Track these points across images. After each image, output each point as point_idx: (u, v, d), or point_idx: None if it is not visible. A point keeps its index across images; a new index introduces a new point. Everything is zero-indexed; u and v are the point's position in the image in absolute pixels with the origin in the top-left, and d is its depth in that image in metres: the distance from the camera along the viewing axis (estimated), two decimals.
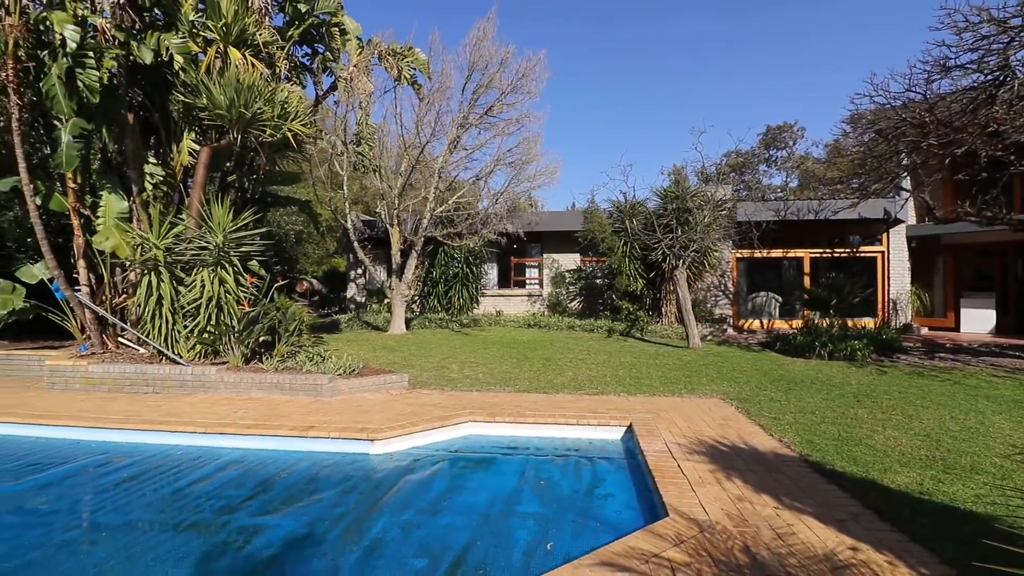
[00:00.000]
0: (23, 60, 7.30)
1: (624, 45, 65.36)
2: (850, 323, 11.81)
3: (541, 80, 12.40)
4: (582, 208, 16.56)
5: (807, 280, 14.60)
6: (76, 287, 8.19)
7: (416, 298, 15.78)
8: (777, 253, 14.87)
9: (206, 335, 7.49)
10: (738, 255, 14.92)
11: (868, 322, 12.76)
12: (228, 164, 9.48)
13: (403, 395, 6.87)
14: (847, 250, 14.72)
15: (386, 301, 14.42)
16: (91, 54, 7.03)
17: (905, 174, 10.24)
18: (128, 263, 8.07)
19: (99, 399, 6.71)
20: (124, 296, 8.34)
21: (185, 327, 7.50)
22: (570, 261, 16.80)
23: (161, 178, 8.28)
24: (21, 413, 5.92)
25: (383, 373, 7.37)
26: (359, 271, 17.76)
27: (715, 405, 6.36)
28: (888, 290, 14.20)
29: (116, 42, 7.30)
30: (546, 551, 3.29)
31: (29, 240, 10.07)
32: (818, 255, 14.83)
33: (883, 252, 14.34)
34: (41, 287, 8.74)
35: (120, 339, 8.39)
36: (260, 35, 7.98)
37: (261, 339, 7.88)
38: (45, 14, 7.03)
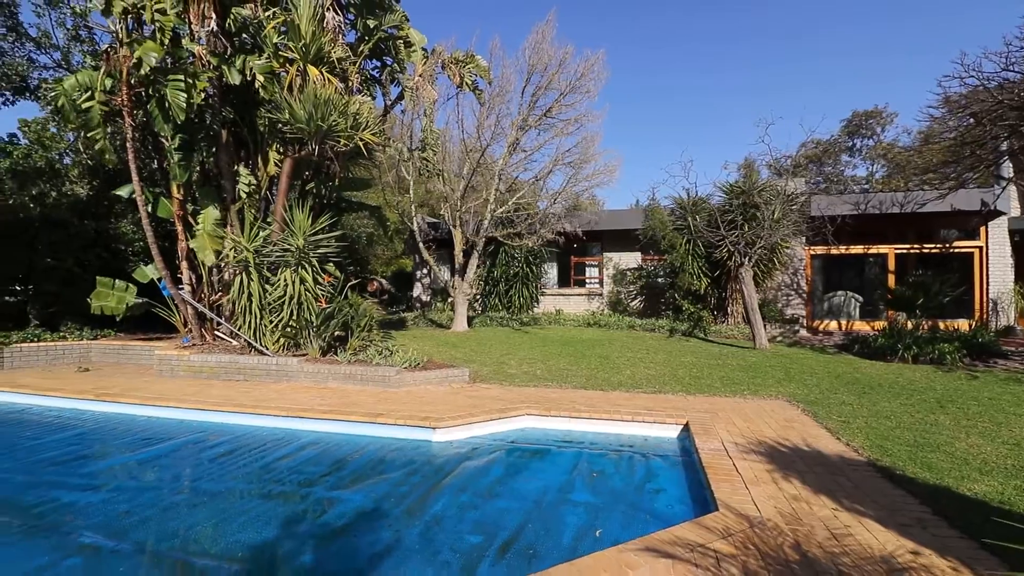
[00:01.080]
0: (134, 86, 8.33)
1: (688, 38, 63.13)
2: (941, 325, 10.87)
3: (600, 79, 12.41)
4: (643, 206, 16.32)
5: (891, 278, 13.57)
6: (180, 286, 9.23)
7: (478, 297, 16.23)
8: (857, 249, 13.92)
9: (288, 329, 8.21)
10: (813, 252, 14.12)
11: (962, 324, 11.67)
12: (307, 173, 10.27)
13: (464, 388, 7.20)
14: (938, 245, 13.51)
15: (449, 300, 14.96)
16: (181, 77, 7.86)
17: (1004, 160, 9.30)
18: (223, 264, 8.99)
19: (199, 385, 7.56)
20: (219, 294, 9.30)
21: (271, 322, 8.27)
22: (631, 260, 16.61)
23: (252, 187, 9.14)
24: (137, 396, 6.80)
25: (446, 367, 7.74)
26: (424, 271, 18.50)
27: (779, 407, 6.17)
28: (986, 289, 12.89)
29: (210, 66, 8.17)
30: (595, 537, 3.42)
31: (141, 244, 11.47)
32: (904, 251, 13.72)
33: (980, 247, 13.03)
34: (151, 286, 9.92)
35: (216, 332, 9.35)
36: (334, 52, 8.59)
37: (336, 334, 8.51)
38: (132, 41, 7.90)
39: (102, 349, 10.07)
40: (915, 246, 13.64)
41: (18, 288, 11.21)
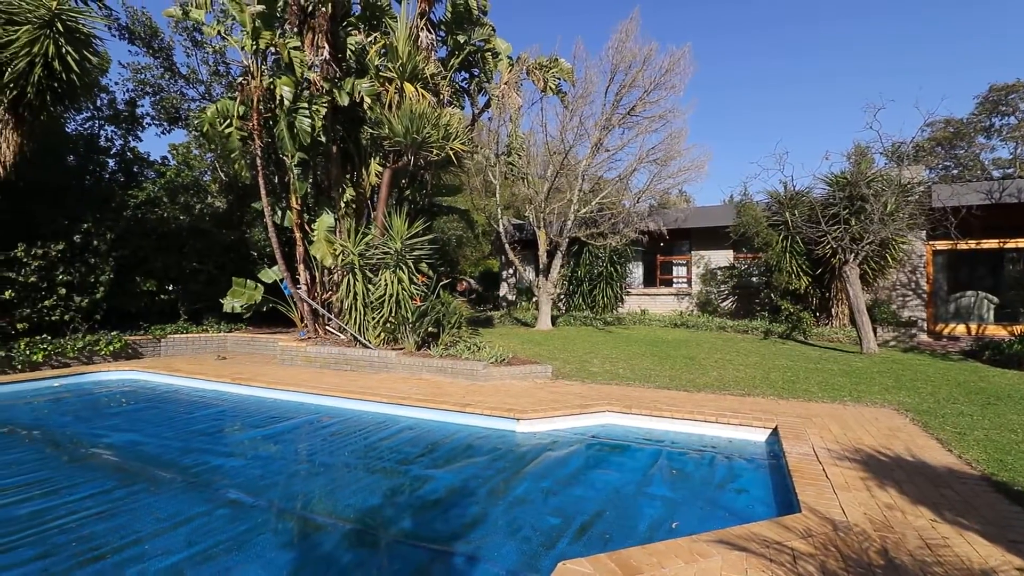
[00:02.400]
0: (263, 112, 9.55)
1: (784, 21, 58.45)
2: None
3: (686, 74, 12.11)
4: (735, 202, 15.58)
5: None
6: (298, 286, 10.43)
7: (562, 296, 16.44)
8: (991, 243, 12.29)
9: (388, 325, 9.00)
10: (935, 248, 12.68)
11: None
12: (403, 181, 11.14)
13: (546, 384, 7.47)
14: None
15: (534, 299, 15.31)
16: (305, 106, 8.93)
17: None
18: (333, 266, 10.04)
19: (314, 373, 8.53)
20: (330, 293, 10.38)
21: (373, 318, 9.10)
22: (721, 258, 15.92)
23: (356, 196, 10.11)
24: (265, 381, 7.85)
25: (529, 364, 8.07)
26: (510, 271, 19.06)
27: (884, 415, 5.77)
28: None
29: (323, 91, 9.16)
30: (671, 528, 3.54)
31: (267, 249, 13.02)
32: None
33: None
34: (274, 285, 11.28)
35: (327, 327, 10.45)
36: (428, 68, 9.27)
37: (429, 330, 9.16)
38: (272, 80, 9.10)
39: (235, 340, 11.62)
40: None
41: (170, 288, 13.23)
